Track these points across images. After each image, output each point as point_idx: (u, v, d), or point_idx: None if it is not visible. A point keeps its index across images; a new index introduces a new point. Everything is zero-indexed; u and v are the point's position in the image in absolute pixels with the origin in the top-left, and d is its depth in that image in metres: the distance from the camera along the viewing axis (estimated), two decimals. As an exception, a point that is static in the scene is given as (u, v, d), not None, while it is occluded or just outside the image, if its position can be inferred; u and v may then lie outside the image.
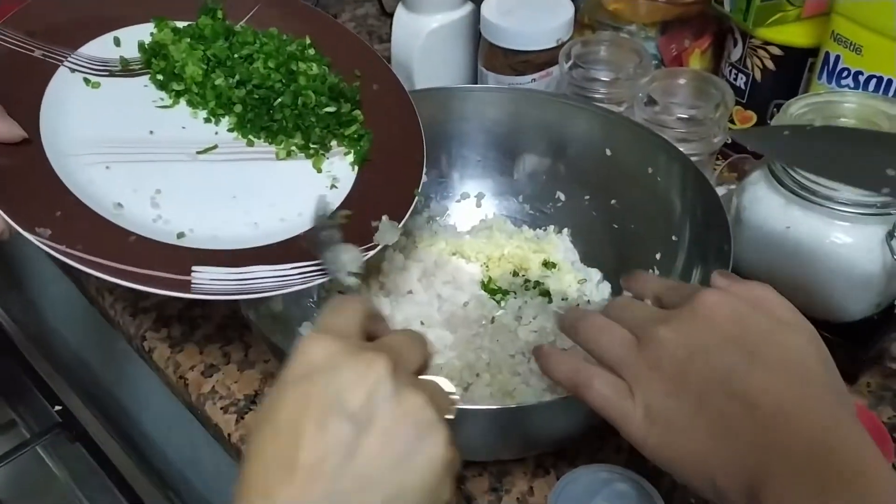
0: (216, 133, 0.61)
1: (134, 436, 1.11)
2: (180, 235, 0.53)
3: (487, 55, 0.82)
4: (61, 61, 0.58)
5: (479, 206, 0.76)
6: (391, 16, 0.86)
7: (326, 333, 0.39)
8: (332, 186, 0.61)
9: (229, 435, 0.64)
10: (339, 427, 0.36)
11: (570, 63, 0.77)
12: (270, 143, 0.61)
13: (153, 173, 0.56)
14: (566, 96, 0.76)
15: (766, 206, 0.66)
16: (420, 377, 0.41)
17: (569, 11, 0.81)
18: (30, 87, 0.56)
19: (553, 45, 0.79)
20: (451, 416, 0.39)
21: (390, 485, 0.36)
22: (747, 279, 0.48)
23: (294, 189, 0.59)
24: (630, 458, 0.61)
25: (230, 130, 0.61)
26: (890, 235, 0.61)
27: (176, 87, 0.61)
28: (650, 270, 0.68)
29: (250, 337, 0.70)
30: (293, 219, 0.57)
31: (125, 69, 0.61)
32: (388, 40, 0.86)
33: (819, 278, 0.65)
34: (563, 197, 0.74)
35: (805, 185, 0.63)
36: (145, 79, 0.62)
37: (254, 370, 0.68)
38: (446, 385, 0.41)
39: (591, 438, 0.62)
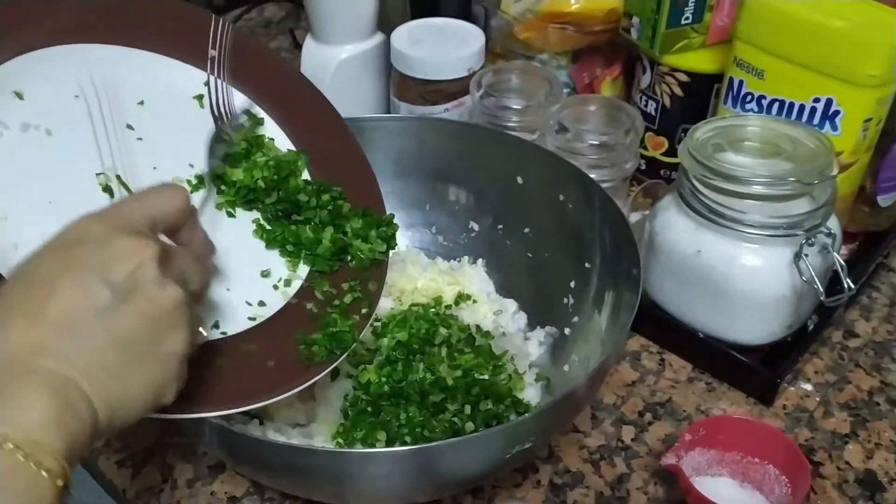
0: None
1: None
2: None
3: (399, 85, 0.81)
4: None
5: (391, 238, 0.74)
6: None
7: (105, 214, 0.41)
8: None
9: (124, 491, 0.59)
10: (97, 290, 0.37)
11: (481, 91, 0.76)
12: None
13: None
14: (476, 125, 0.75)
15: (676, 230, 0.66)
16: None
17: (479, 41, 0.80)
18: None
19: (464, 74, 0.79)
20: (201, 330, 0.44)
21: (127, 363, 0.38)
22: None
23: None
24: (549, 494, 0.59)
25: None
26: (797, 256, 0.61)
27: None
28: (565, 298, 0.67)
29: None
30: None
31: None
32: (299, 72, 0.84)
33: (731, 301, 0.65)
34: (476, 227, 0.73)
35: (713, 207, 0.63)
36: None
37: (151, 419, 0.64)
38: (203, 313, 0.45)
39: (511, 474, 0.60)
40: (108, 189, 0.53)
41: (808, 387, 0.67)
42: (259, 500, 0.59)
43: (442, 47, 0.80)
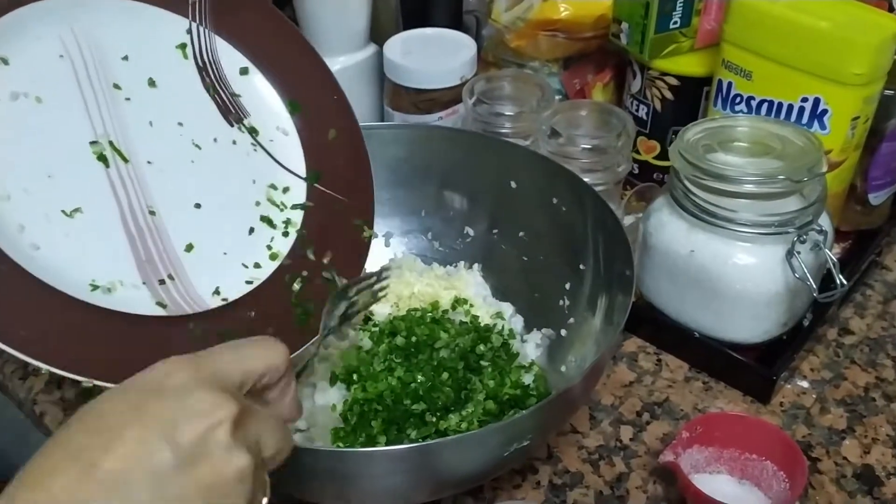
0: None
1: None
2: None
3: (392, 95, 0.82)
4: None
5: (387, 245, 0.75)
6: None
7: (195, 362, 0.37)
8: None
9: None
10: (159, 451, 0.34)
11: (473, 99, 0.77)
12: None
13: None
14: (469, 131, 0.76)
15: (670, 231, 0.67)
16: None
17: (471, 50, 0.81)
18: None
19: (457, 82, 0.80)
20: (265, 500, 0.38)
21: None
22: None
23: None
24: (549, 495, 0.59)
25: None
26: (790, 254, 0.62)
27: None
28: (560, 300, 0.67)
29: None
30: None
31: None
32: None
33: (725, 300, 0.65)
34: (471, 232, 0.73)
35: (705, 207, 0.63)
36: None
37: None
38: (268, 484, 0.39)
39: (510, 474, 0.60)
40: (102, 158, 0.52)
41: (805, 384, 0.68)
42: None
43: (434, 57, 0.81)
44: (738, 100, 0.71)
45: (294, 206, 0.61)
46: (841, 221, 0.77)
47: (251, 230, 0.59)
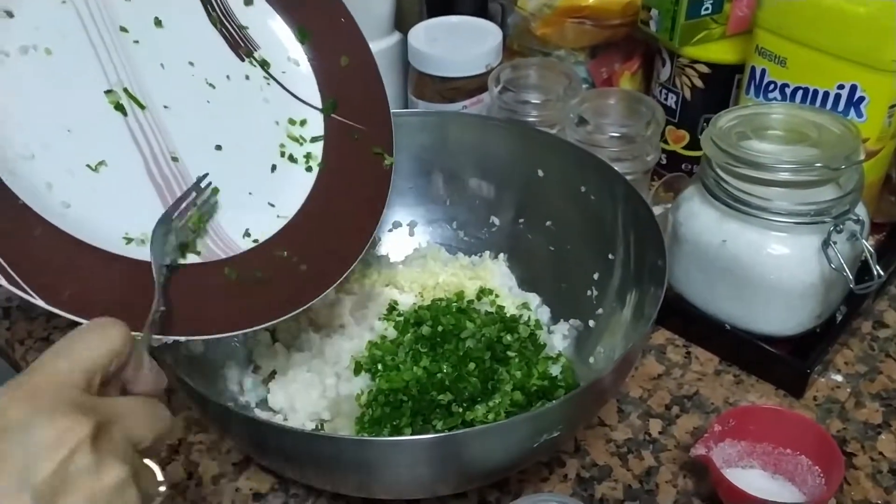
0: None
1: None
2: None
3: (417, 84, 0.81)
4: None
5: (412, 234, 0.74)
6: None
7: (29, 388, 0.34)
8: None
9: (149, 487, 0.59)
10: (17, 498, 0.31)
11: (499, 87, 0.76)
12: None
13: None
14: (495, 118, 0.74)
15: (701, 220, 0.65)
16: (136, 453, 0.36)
17: (497, 37, 0.80)
18: None
19: (482, 70, 0.78)
20: (161, 489, 0.36)
21: None
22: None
23: None
24: (577, 488, 0.58)
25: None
26: (825, 244, 0.60)
27: None
28: (588, 291, 0.66)
29: (172, 382, 0.66)
30: None
31: None
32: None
33: (758, 291, 0.63)
34: (497, 221, 0.72)
35: (738, 196, 0.62)
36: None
37: (176, 418, 0.64)
38: (157, 470, 0.37)
39: (537, 467, 0.59)
40: (119, 107, 0.52)
41: (839, 378, 0.66)
42: (284, 495, 0.58)
43: (459, 45, 0.79)
44: (771, 87, 0.70)
45: (313, 139, 0.60)
46: (875, 213, 0.75)
47: (273, 168, 0.58)
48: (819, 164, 0.60)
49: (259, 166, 0.58)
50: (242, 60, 0.59)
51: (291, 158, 0.59)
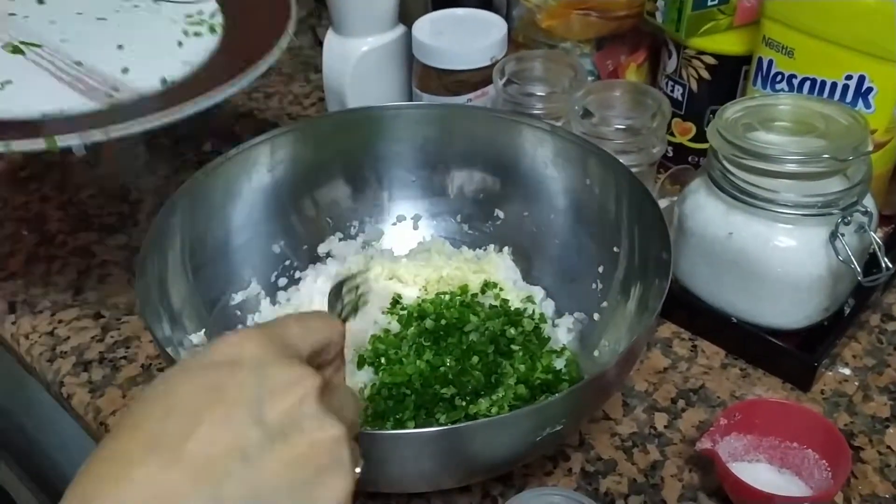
0: None
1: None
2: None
3: (421, 76, 0.81)
4: None
5: (415, 228, 0.74)
6: (324, 44, 0.84)
7: (264, 334, 0.35)
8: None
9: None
10: (246, 429, 0.31)
11: (504, 80, 0.75)
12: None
13: None
14: (499, 110, 0.74)
15: (707, 213, 0.65)
16: None
17: (501, 30, 0.79)
18: None
19: (487, 63, 0.78)
20: (357, 470, 0.36)
21: None
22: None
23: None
24: (581, 482, 0.58)
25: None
26: (833, 236, 0.60)
27: None
28: (593, 284, 0.65)
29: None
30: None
31: None
32: (323, 70, 0.84)
33: (765, 284, 0.63)
34: (501, 214, 0.72)
35: (745, 188, 0.61)
36: None
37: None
38: (356, 449, 0.37)
39: (541, 461, 0.59)
40: (17, 50, 0.63)
41: (847, 371, 0.65)
42: (287, 489, 0.58)
43: (464, 37, 0.79)
44: (779, 78, 0.69)
45: (211, 15, 0.71)
46: (883, 205, 0.74)
47: (179, 43, 0.68)
48: (826, 156, 0.59)
49: (165, 49, 0.67)
50: None
51: (196, 34, 0.69)
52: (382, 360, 0.60)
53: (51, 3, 0.69)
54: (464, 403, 0.57)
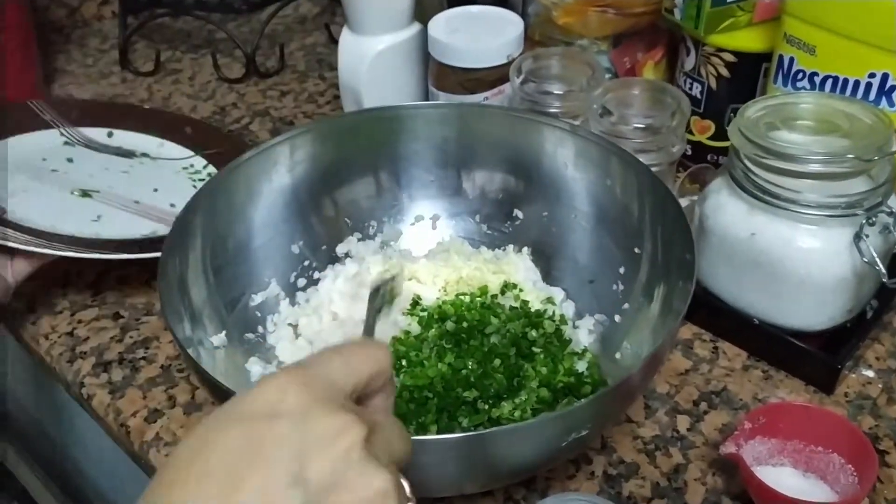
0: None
1: (88, 494, 1.05)
2: None
3: (437, 75, 0.80)
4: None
5: (434, 228, 0.73)
6: (339, 43, 0.84)
7: (306, 377, 0.33)
8: None
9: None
10: (286, 494, 0.30)
11: (521, 78, 0.75)
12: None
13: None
14: (517, 109, 0.73)
15: (729, 213, 0.64)
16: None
17: (518, 27, 0.79)
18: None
19: (504, 61, 0.77)
20: None
21: None
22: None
23: None
24: (604, 486, 0.58)
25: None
26: (857, 237, 0.59)
27: None
28: (614, 285, 0.65)
29: (195, 376, 0.66)
30: None
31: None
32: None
33: (787, 286, 0.62)
34: (521, 214, 0.71)
35: (767, 189, 0.61)
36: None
37: (202, 413, 0.64)
38: (406, 486, 0.36)
39: (564, 465, 0.59)
40: (86, 194, 0.73)
41: (870, 373, 0.65)
42: (308, 493, 0.58)
43: (480, 35, 0.78)
44: (800, 76, 0.68)
45: (205, 166, 0.83)
46: (906, 204, 0.73)
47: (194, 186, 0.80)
48: (851, 156, 0.59)
49: (188, 190, 0.75)
50: (131, 158, 0.83)
51: (201, 180, 0.81)
52: (403, 363, 0.60)
53: (78, 162, 0.79)
54: (486, 407, 0.56)
